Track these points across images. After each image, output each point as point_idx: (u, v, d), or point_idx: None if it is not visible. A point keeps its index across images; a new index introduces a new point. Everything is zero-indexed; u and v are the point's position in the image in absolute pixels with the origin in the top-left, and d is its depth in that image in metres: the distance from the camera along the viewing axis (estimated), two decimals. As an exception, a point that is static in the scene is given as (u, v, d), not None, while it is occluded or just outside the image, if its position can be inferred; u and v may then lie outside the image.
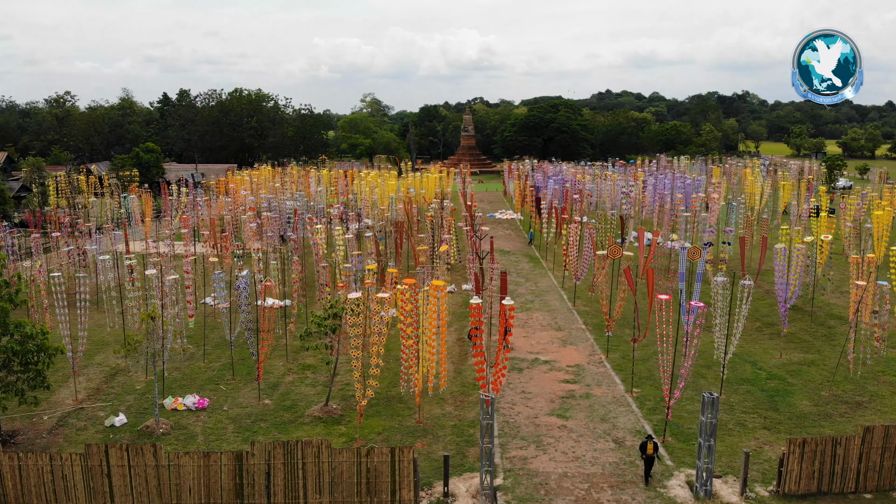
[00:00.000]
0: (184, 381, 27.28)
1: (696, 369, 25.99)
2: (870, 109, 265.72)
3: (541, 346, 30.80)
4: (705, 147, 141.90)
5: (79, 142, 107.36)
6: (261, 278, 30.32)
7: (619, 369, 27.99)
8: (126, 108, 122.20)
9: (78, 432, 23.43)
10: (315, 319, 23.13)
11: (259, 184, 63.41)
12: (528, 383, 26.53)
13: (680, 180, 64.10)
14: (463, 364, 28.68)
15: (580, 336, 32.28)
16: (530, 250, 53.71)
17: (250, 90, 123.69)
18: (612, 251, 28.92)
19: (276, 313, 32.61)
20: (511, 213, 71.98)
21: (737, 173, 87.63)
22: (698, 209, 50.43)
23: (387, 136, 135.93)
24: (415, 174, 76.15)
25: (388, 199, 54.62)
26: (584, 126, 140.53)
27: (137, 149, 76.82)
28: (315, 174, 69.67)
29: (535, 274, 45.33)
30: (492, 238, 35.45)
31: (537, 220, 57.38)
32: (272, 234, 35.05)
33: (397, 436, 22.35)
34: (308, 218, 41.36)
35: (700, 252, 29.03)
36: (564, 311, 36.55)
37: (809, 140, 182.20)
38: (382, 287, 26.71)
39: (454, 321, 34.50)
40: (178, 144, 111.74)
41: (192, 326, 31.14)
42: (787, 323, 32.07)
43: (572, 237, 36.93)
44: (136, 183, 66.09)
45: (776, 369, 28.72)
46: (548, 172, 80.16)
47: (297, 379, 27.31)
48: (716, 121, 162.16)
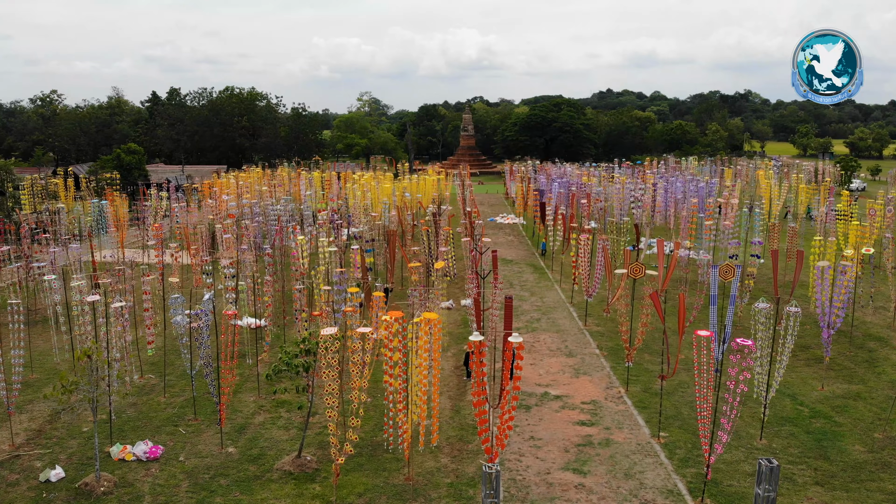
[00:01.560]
0: (138, 421, 23.54)
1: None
2: (873, 109, 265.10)
3: (550, 376, 27.04)
4: (711, 147, 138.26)
5: (64, 142, 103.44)
6: (231, 298, 26.60)
7: (642, 406, 24.24)
8: (114, 108, 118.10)
9: (8, 489, 19.69)
10: (284, 356, 19.40)
11: (245, 187, 59.61)
12: (537, 426, 22.78)
13: (692, 183, 60.33)
14: (461, 400, 24.93)
15: (594, 363, 28.52)
16: (535, 259, 49.96)
17: (242, 88, 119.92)
18: (633, 270, 25.17)
19: (250, 336, 28.91)
20: (513, 218, 68.25)
21: (748, 174, 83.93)
22: (716, 215, 46.76)
23: (384, 136, 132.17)
24: (411, 176, 72.36)
25: (382, 204, 50.83)
26: (588, 125, 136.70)
27: (118, 150, 72.96)
28: (306, 176, 65.79)
29: (541, 287, 41.57)
30: (494, 253, 31.70)
31: (541, 226, 53.67)
32: (246, 247, 31.28)
33: (382, 498, 18.60)
34: (292, 226, 37.54)
35: (734, 270, 25.28)
36: (575, 331, 32.79)
37: (816, 140, 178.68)
38: (369, 311, 22.95)
39: (452, 343, 30.78)
40: (167, 145, 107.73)
41: (151, 354, 27.41)
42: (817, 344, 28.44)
43: (582, 248, 33.14)
44: (116, 186, 62.26)
45: (819, 404, 25.03)
46: (551, 174, 76.43)
47: (268, 419, 23.55)
48: (721, 120, 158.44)
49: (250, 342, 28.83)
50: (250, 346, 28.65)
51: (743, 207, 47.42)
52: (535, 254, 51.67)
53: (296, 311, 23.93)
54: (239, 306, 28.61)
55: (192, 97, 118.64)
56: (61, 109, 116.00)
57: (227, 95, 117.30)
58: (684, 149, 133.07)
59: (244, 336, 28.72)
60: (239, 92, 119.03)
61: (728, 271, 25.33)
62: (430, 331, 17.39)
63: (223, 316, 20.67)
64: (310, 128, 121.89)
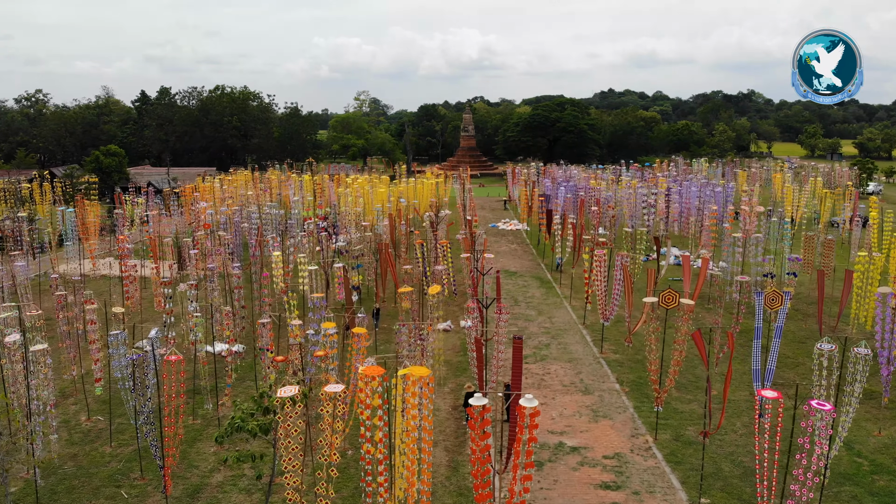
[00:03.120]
0: (76, 480, 19.62)
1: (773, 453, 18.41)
2: (877, 109, 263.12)
3: (565, 420, 23.12)
4: (719, 148, 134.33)
5: (49, 144, 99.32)
6: (195, 332, 22.67)
7: (676, 461, 20.32)
8: (102, 108, 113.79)
9: None
10: (239, 415, 15.51)
11: (230, 191, 55.66)
12: (551, 490, 18.86)
13: (708, 188, 56.39)
14: (460, 454, 20.99)
15: (615, 403, 24.58)
16: (541, 271, 45.97)
17: (233, 87, 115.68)
18: (664, 298, 21.23)
19: (213, 370, 24.91)
20: (516, 224, 64.28)
21: (763, 177, 80.00)
22: (742, 224, 42.90)
23: (382, 137, 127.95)
24: (408, 179, 68.35)
25: (375, 211, 46.87)
26: (592, 125, 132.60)
27: (97, 152, 68.91)
28: (296, 180, 61.68)
29: (549, 304, 37.62)
30: (498, 275, 27.85)
31: (547, 235, 49.72)
32: (213, 266, 27.31)
33: None
34: (270, 238, 33.51)
35: (781, 298, 21.36)
36: (590, 360, 28.84)
37: (824, 140, 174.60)
38: (348, 350, 19.03)
39: (449, 376, 26.88)
40: (155, 146, 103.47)
41: (99, 393, 23.51)
42: (874, 382, 24.51)
43: (598, 265, 29.18)
44: (93, 191, 58.38)
45: (879, 455, 21.17)
46: (556, 177, 72.46)
47: (228, 479, 19.60)
48: (728, 120, 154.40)
49: (220, 374, 24.88)
50: (220, 378, 24.72)
51: (770, 216, 43.42)
52: (542, 265, 47.70)
53: (260, 348, 20.05)
54: (203, 335, 24.72)
55: (181, 96, 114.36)
56: (48, 109, 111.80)
57: (218, 95, 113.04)
58: (692, 149, 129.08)
59: (212, 367, 24.80)
60: (230, 91, 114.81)
61: (775, 299, 21.42)
62: (419, 391, 13.46)
63: (171, 354, 16.72)
64: (304, 128, 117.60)
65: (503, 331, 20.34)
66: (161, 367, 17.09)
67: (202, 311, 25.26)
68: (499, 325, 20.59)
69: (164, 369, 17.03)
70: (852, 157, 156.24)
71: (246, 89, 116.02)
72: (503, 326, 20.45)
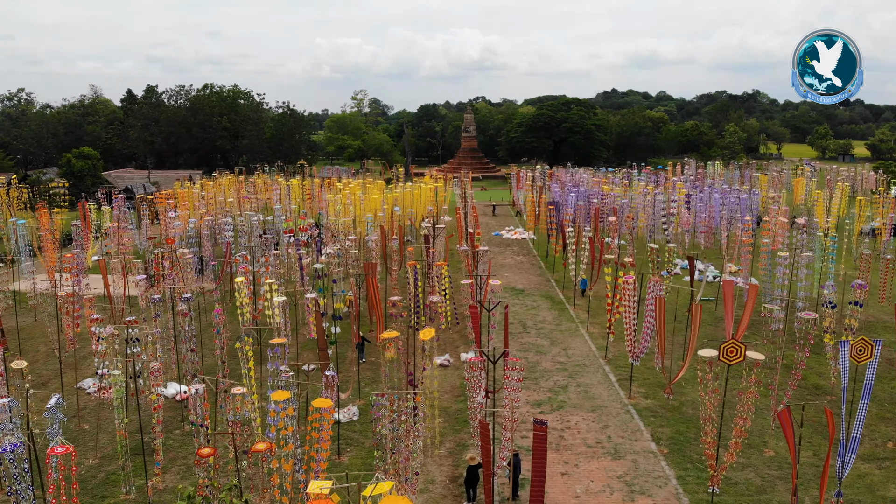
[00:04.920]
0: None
1: None
2: (883, 109, 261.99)
3: (593, 499, 18.25)
4: (729, 149, 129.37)
5: (30, 145, 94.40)
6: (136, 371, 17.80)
7: (743, 567, 15.50)
8: (87, 108, 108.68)
9: None
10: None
11: (209, 198, 50.77)
12: None
13: (732, 194, 51.48)
14: (460, 554, 16.16)
15: (653, 471, 19.70)
16: (550, 288, 41.10)
17: (223, 86, 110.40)
18: (727, 351, 16.34)
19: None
20: (521, 232, 59.38)
21: (783, 181, 75.09)
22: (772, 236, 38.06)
23: (379, 138, 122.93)
24: (405, 184, 63.43)
25: (366, 221, 41.96)
26: (599, 126, 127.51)
27: (68, 154, 64.03)
28: (283, 184, 56.75)
29: (563, 331, 32.71)
30: (507, 310, 23.09)
31: (558, 246, 44.86)
32: (158, 297, 22.46)
33: None
34: (240, 258, 28.54)
35: (871, 347, 16.53)
36: (617, 408, 23.97)
37: (835, 141, 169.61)
38: (310, 427, 14.19)
39: (447, 431, 22.05)
40: (140, 147, 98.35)
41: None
42: None
43: (627, 295, 24.27)
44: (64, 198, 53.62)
45: None
46: (564, 182, 67.55)
47: None
48: (738, 120, 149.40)
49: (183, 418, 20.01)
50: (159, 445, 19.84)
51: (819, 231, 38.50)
52: (552, 280, 42.80)
53: (192, 422, 15.15)
54: (144, 380, 19.92)
55: (168, 95, 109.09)
56: (30, 109, 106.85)
57: (207, 94, 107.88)
58: (702, 151, 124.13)
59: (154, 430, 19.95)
60: (220, 89, 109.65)
61: (864, 349, 16.59)
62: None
63: (58, 445, 11.88)
64: (298, 129, 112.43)
65: (515, 398, 15.46)
66: (46, 462, 12.26)
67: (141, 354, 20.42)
68: (510, 398, 15.51)
69: (50, 464, 12.19)
70: (865, 159, 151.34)
71: (236, 87, 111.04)
72: (515, 397, 15.38)
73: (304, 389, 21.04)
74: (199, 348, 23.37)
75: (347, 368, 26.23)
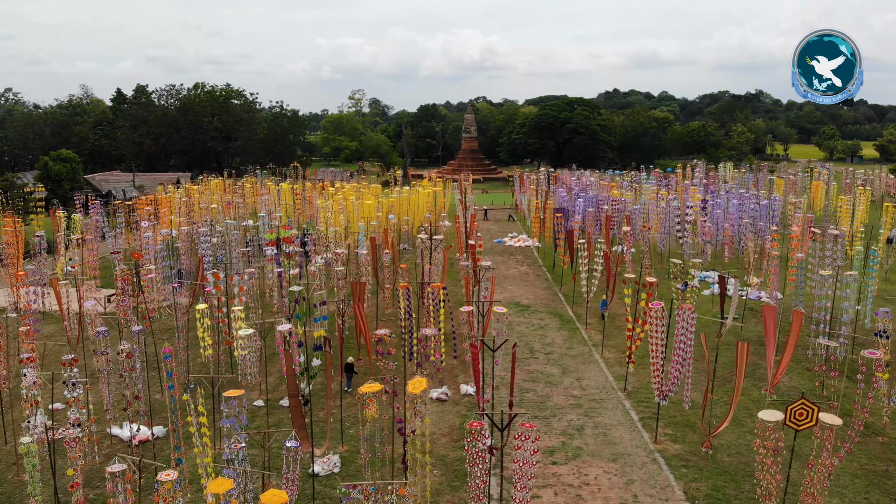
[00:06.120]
0: None
1: None
2: (888, 109, 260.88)
3: (622, 586, 14.90)
4: (737, 150, 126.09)
5: (14, 147, 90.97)
6: (73, 421, 14.49)
7: None
8: (75, 108, 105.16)
9: None
10: None
11: (192, 204, 47.35)
12: None
13: (751, 200, 48.11)
14: None
15: (693, 545, 16.36)
16: (558, 303, 37.73)
17: (214, 85, 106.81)
18: (795, 415, 12.99)
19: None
20: (525, 239, 55.99)
21: (797, 184, 71.67)
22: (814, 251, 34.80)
23: (377, 139, 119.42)
24: (402, 189, 60.01)
25: (358, 230, 38.54)
26: (604, 126, 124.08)
27: (46, 157, 60.67)
28: (271, 189, 53.32)
29: (574, 356, 29.32)
30: (514, 347, 19.75)
31: (566, 258, 41.47)
32: (105, 330, 19.00)
33: None
34: (210, 277, 25.12)
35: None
36: (641, 455, 20.58)
37: (843, 142, 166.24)
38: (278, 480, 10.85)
39: (444, 488, 18.68)
40: (128, 149, 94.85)
41: None
42: None
43: (655, 323, 20.88)
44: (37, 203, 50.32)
45: None
46: (570, 185, 64.15)
47: None
48: (744, 120, 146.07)
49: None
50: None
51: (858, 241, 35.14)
52: (559, 295, 39.43)
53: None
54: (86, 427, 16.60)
55: (158, 95, 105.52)
56: (18, 109, 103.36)
57: (197, 93, 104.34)
58: (709, 152, 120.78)
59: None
60: (211, 89, 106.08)
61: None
62: None
63: None
64: (292, 129, 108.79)
65: (529, 474, 12.06)
66: None
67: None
68: (523, 473, 12.16)
69: None
70: (873, 160, 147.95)
71: (228, 87, 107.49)
72: (530, 473, 11.90)
73: (261, 461, 17.65)
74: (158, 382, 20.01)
75: (326, 404, 22.83)
